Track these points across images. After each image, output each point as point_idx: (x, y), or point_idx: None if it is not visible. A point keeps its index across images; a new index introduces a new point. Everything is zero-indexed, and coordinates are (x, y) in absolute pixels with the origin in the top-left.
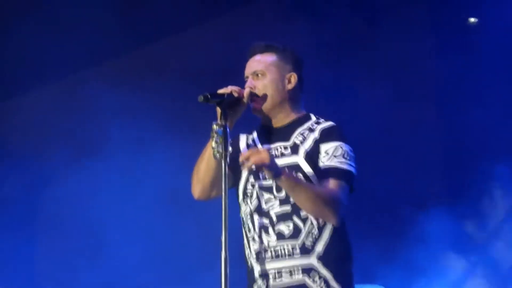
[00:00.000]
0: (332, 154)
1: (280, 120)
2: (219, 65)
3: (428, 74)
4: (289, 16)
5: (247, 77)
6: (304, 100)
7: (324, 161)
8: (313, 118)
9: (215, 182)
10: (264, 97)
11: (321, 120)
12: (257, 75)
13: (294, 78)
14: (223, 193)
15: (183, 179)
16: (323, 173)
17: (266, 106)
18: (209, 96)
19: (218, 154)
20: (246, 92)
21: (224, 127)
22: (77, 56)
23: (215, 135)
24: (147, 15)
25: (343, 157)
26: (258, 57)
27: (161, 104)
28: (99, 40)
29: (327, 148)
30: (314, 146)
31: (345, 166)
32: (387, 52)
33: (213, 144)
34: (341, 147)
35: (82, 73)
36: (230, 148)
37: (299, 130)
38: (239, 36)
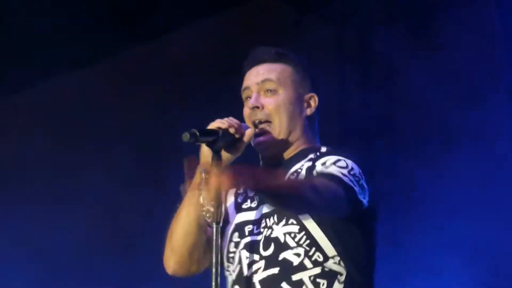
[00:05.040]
0: (332, 163)
1: (283, 155)
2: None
3: None
4: None
5: (247, 88)
6: (319, 133)
7: (321, 168)
8: (323, 149)
9: (195, 253)
10: (277, 125)
11: (330, 151)
12: (268, 90)
13: (314, 101)
14: (213, 269)
15: None
16: (317, 176)
17: (276, 140)
18: (197, 134)
19: (208, 215)
20: (249, 133)
21: None
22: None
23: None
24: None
25: (349, 172)
26: (267, 67)
27: None
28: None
29: (325, 160)
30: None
31: (347, 180)
32: None
33: (201, 200)
34: (346, 162)
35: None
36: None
37: (297, 165)
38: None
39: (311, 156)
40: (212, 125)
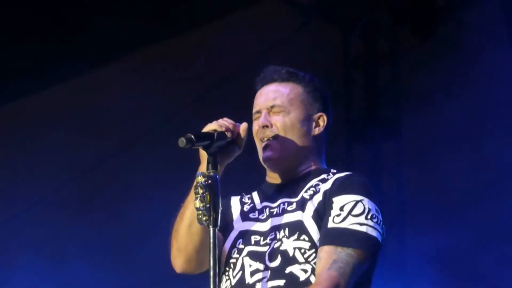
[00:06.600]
0: (349, 212)
1: (292, 173)
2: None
3: None
4: None
5: (258, 112)
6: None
7: (337, 221)
8: (333, 170)
9: (203, 250)
10: (284, 141)
11: (340, 171)
12: (277, 110)
13: (323, 120)
14: (211, 272)
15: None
16: (329, 238)
17: (283, 155)
18: (194, 139)
19: (204, 218)
20: (243, 127)
21: (214, 180)
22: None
23: (201, 191)
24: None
25: (366, 217)
26: (276, 87)
27: None
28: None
29: (342, 202)
30: (324, 200)
31: (366, 230)
32: None
33: (197, 203)
34: (363, 203)
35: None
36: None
37: (312, 182)
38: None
39: (324, 176)
40: (208, 128)
